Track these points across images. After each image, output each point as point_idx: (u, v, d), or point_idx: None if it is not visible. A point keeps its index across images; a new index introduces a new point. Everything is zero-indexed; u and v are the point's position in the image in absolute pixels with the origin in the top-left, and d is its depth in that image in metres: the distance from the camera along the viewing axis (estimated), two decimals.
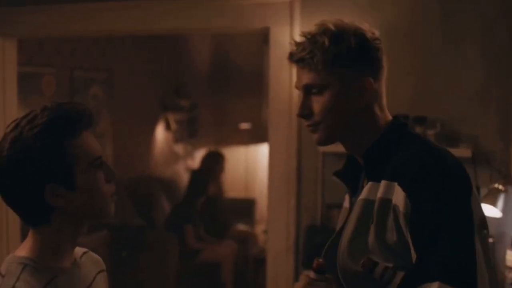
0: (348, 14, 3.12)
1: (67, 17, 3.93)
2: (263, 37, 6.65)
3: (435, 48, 3.31)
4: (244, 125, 7.61)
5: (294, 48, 1.67)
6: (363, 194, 1.64)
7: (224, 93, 7.84)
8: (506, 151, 3.22)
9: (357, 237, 1.61)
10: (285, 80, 3.53)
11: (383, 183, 1.59)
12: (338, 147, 3.44)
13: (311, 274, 1.62)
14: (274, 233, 3.63)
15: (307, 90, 1.66)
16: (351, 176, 1.78)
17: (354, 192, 1.76)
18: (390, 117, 1.71)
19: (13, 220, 4.10)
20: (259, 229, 6.95)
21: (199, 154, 7.52)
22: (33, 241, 1.51)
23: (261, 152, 7.51)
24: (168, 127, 7.52)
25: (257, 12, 3.60)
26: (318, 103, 1.65)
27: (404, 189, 1.53)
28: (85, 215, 1.53)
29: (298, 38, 1.67)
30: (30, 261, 1.48)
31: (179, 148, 7.85)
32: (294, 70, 3.45)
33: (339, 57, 1.61)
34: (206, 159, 6.79)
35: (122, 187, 5.34)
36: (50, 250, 1.51)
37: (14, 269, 1.46)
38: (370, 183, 1.64)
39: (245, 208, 7.13)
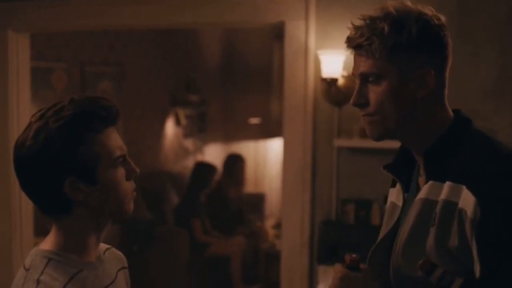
0: (363, 9, 3.09)
1: (78, 11, 3.94)
2: (274, 32, 6.67)
3: None
4: (254, 120, 7.61)
5: (352, 32, 1.54)
6: (422, 193, 1.53)
7: (233, 88, 7.84)
8: None
9: (415, 238, 1.51)
10: (300, 75, 3.52)
11: (448, 184, 1.47)
12: (352, 142, 3.47)
13: (344, 269, 1.56)
14: (289, 228, 3.62)
15: (364, 78, 1.55)
16: (403, 170, 1.66)
17: (407, 188, 1.64)
18: (451, 112, 1.59)
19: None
20: (268, 224, 6.95)
21: (212, 152, 7.54)
22: (56, 235, 1.50)
23: (271, 147, 7.51)
24: (178, 122, 7.51)
25: (272, 7, 3.59)
26: (374, 93, 1.53)
27: (474, 194, 1.41)
28: (104, 211, 1.50)
29: (357, 22, 1.53)
30: (55, 254, 1.46)
31: (189, 143, 7.85)
32: (309, 65, 3.49)
33: (398, 45, 1.49)
34: (227, 162, 6.75)
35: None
36: (74, 244, 1.49)
37: (38, 262, 1.45)
38: (431, 182, 1.52)
39: (255, 203, 7.12)
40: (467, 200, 1.42)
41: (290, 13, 3.54)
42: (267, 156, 7.42)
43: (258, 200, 7.21)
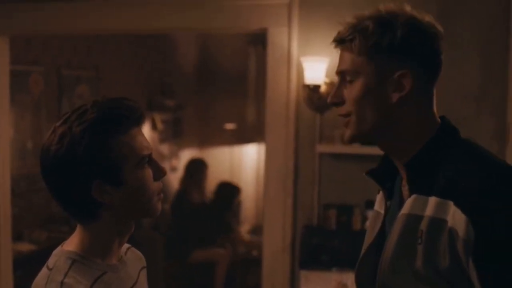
0: (346, 16, 3.13)
1: (57, 15, 3.92)
2: (250, 38, 6.69)
3: None
4: (230, 126, 7.62)
5: (342, 28, 1.50)
6: (405, 209, 1.45)
7: (209, 93, 7.84)
8: (502, 151, 3.27)
9: (401, 256, 1.44)
10: (283, 81, 3.54)
11: (433, 199, 1.39)
12: (334, 148, 3.51)
13: None
14: (271, 233, 3.64)
15: (343, 77, 1.51)
16: (386, 177, 1.59)
17: (390, 195, 1.58)
18: (438, 120, 1.50)
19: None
20: (244, 230, 6.95)
21: (187, 157, 7.49)
22: (81, 236, 1.49)
23: (246, 152, 7.52)
24: (154, 127, 7.50)
25: (255, 13, 3.61)
26: (349, 91, 1.48)
27: (464, 212, 1.32)
28: (132, 212, 1.50)
29: (348, 19, 1.50)
30: (79, 256, 1.46)
31: (164, 148, 7.84)
32: (291, 71, 3.52)
33: (379, 44, 1.44)
34: (189, 166, 6.66)
35: None
36: (99, 246, 1.49)
37: (62, 263, 1.44)
38: (414, 196, 1.44)
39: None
40: (456, 218, 1.34)
41: (273, 20, 3.56)
42: (243, 162, 7.44)
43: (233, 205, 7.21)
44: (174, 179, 7.69)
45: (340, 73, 1.52)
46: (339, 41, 1.51)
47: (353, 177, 3.44)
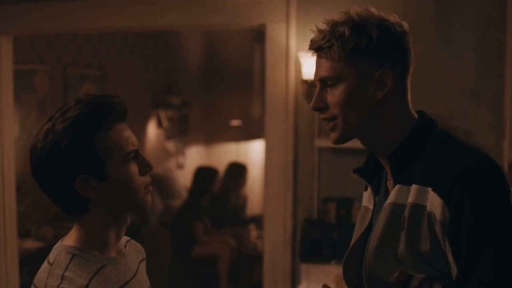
0: (343, 10, 3.16)
1: (62, 14, 3.94)
2: (254, 35, 6.72)
3: (429, 44, 3.37)
4: (235, 122, 7.65)
5: (315, 36, 1.57)
6: (390, 198, 1.53)
7: (215, 90, 7.89)
8: (499, 145, 3.29)
9: (386, 243, 1.51)
10: (281, 77, 3.57)
11: (414, 187, 1.48)
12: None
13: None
14: (271, 227, 3.67)
15: (323, 82, 1.56)
16: (372, 173, 1.67)
17: (377, 191, 1.66)
18: (415, 115, 1.60)
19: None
20: (250, 225, 6.98)
21: (193, 153, 7.52)
22: (78, 232, 1.54)
23: (252, 148, 7.56)
24: (159, 124, 7.54)
25: (253, 9, 3.64)
26: (332, 96, 1.54)
27: (440, 196, 1.42)
28: (119, 206, 1.54)
29: (321, 26, 1.57)
30: (78, 250, 1.50)
31: (170, 145, 7.88)
32: (290, 67, 3.55)
33: (357, 48, 1.51)
34: (229, 170, 6.75)
35: None
36: (95, 240, 1.53)
37: (62, 258, 1.49)
38: (398, 186, 1.53)
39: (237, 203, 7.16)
40: (434, 202, 1.43)
41: (271, 15, 3.59)
42: (248, 158, 7.47)
43: (240, 200, 7.25)
44: (181, 176, 7.74)
45: (321, 78, 1.57)
46: (317, 49, 1.57)
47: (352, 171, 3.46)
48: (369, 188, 1.69)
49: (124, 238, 1.66)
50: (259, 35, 6.58)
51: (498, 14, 3.28)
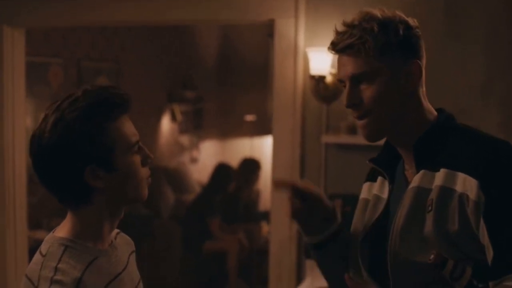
0: (352, 8, 3.16)
1: (75, 7, 3.97)
2: (269, 30, 6.71)
3: (438, 42, 3.35)
4: (249, 117, 7.66)
5: (338, 37, 1.62)
6: (415, 182, 1.61)
7: (230, 85, 7.89)
8: None
9: (411, 225, 1.58)
10: (290, 72, 3.57)
11: (443, 171, 1.55)
12: (340, 138, 3.52)
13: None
14: (277, 222, 3.68)
15: (355, 79, 1.61)
16: (387, 163, 1.73)
17: (392, 180, 1.71)
18: (433, 110, 1.68)
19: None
20: (262, 221, 6.99)
21: (207, 148, 7.50)
22: (72, 222, 1.54)
23: (266, 144, 7.55)
24: (174, 118, 7.57)
25: (262, 4, 3.64)
26: (369, 91, 1.60)
27: (474, 177, 1.49)
28: (122, 197, 1.55)
29: (339, 28, 1.63)
30: (71, 242, 1.50)
31: (184, 140, 7.91)
32: (298, 62, 3.55)
33: (388, 43, 1.58)
34: (242, 166, 6.74)
35: None
36: (90, 232, 1.53)
37: (55, 249, 1.49)
38: (423, 171, 1.60)
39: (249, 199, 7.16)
40: (467, 184, 1.50)
41: (280, 11, 3.59)
42: (262, 153, 7.47)
43: (253, 196, 7.26)
44: (195, 171, 7.76)
45: (352, 76, 1.61)
46: (348, 47, 1.60)
47: (358, 167, 3.43)
48: (379, 179, 1.76)
49: (115, 231, 1.66)
50: (272, 30, 6.58)
51: (507, 12, 3.26)
